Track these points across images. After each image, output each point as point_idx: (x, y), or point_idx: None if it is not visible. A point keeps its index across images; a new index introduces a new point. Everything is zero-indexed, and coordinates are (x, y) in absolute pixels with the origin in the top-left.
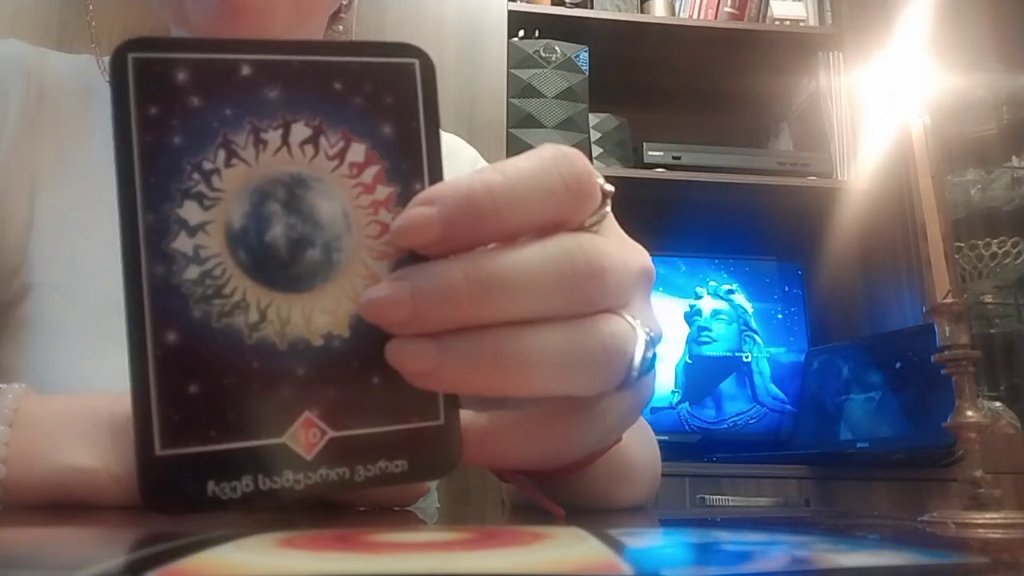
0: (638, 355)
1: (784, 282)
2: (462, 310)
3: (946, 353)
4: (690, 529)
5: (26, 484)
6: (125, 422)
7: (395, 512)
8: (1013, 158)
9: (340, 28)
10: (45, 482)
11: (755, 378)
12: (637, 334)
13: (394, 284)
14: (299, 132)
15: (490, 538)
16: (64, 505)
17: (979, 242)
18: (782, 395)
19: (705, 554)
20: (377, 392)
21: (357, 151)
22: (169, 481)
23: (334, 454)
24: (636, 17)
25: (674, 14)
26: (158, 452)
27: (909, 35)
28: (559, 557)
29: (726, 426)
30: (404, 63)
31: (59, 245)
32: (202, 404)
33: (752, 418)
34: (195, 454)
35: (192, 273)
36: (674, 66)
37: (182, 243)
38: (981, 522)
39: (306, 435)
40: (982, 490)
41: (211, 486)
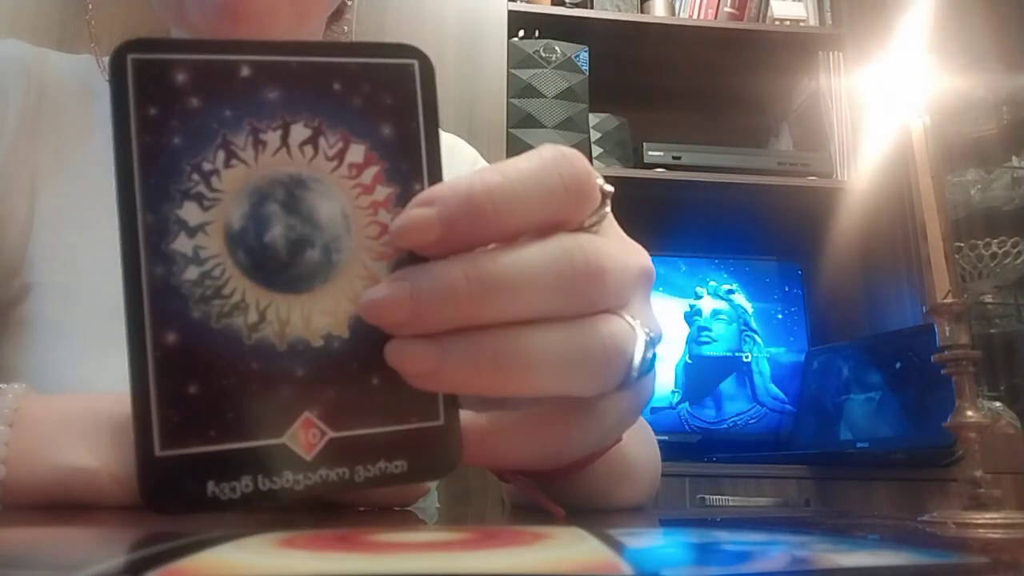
0: (638, 355)
1: (784, 282)
2: (462, 310)
3: (946, 353)
4: (690, 529)
5: (26, 484)
6: (125, 422)
7: (395, 512)
8: (1013, 158)
9: (343, 28)
10: (45, 482)
11: (755, 378)
12: (637, 334)
13: (393, 285)
14: (298, 133)
15: (490, 538)
16: (64, 505)
17: (979, 242)
18: (782, 395)
19: (705, 554)
20: (377, 393)
21: (356, 152)
22: (169, 481)
23: (334, 454)
24: (636, 17)
25: (674, 14)
26: (158, 453)
27: (909, 35)
28: (559, 557)
29: (726, 426)
30: (403, 64)
31: (59, 245)
32: (202, 405)
33: (752, 418)
34: (195, 454)
35: (191, 274)
36: (674, 66)
37: (181, 244)
38: (981, 522)
39: (306, 436)
40: (982, 490)
41: (211, 486)
